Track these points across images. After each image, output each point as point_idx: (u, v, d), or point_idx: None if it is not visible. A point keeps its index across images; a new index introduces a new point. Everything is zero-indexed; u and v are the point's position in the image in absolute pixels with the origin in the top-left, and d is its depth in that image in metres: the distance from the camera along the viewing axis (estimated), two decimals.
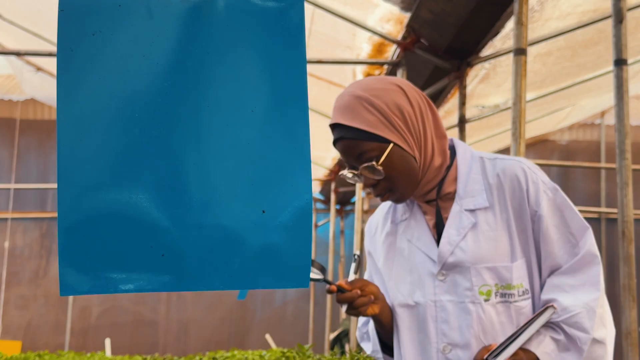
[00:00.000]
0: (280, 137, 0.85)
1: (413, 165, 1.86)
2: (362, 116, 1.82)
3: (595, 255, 1.80)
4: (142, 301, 10.96)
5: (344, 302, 1.85)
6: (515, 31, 2.99)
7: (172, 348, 10.81)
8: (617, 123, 2.88)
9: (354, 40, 5.44)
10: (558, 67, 6.07)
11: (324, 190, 10.67)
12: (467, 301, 1.83)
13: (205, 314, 11.02)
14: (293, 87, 0.87)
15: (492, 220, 1.85)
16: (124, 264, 0.79)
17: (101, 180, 0.80)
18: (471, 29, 4.55)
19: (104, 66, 0.81)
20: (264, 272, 0.84)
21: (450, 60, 4.96)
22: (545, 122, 9.08)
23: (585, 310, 1.74)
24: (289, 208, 0.85)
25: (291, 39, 0.88)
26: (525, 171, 1.86)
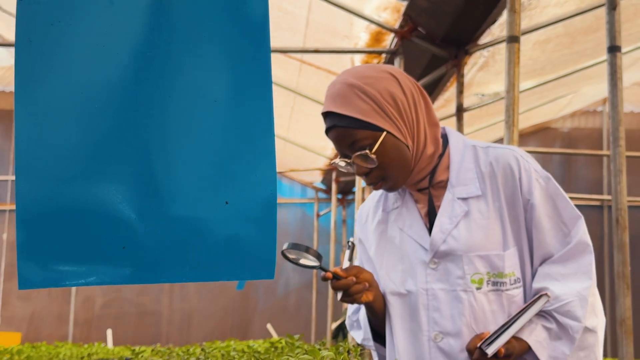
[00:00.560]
0: (244, 128, 0.84)
1: (406, 154, 1.85)
2: (355, 104, 1.80)
3: (587, 244, 1.80)
4: (145, 292, 10.98)
5: (339, 290, 1.84)
6: (508, 18, 2.97)
7: (175, 338, 10.83)
8: (611, 110, 2.86)
9: (352, 29, 5.42)
10: (557, 55, 6.04)
11: (325, 179, 10.66)
12: (459, 289, 1.82)
13: (208, 304, 11.04)
14: (257, 77, 0.86)
15: (484, 209, 1.85)
16: (83, 256, 0.78)
17: (60, 172, 0.79)
18: (468, 17, 4.52)
19: (63, 56, 0.80)
20: (228, 264, 0.83)
21: (448, 49, 4.94)
22: (547, 109, 9.06)
23: (577, 299, 1.74)
24: (253, 200, 0.84)
25: (255, 27, 0.87)
26: (518, 160, 1.85)
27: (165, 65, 0.83)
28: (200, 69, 0.84)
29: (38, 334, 10.61)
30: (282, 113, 8.26)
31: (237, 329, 11.02)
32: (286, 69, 6.69)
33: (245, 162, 0.84)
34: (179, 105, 0.83)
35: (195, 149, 0.83)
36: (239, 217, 0.84)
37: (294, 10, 5.44)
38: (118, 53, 0.82)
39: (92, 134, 0.80)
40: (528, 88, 6.96)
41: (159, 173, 0.81)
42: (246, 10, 0.86)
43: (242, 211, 0.84)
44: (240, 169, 0.84)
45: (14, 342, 5.32)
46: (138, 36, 0.83)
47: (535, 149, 9.62)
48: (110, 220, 0.79)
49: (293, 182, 11.41)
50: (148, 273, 0.80)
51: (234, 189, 0.84)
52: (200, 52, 0.84)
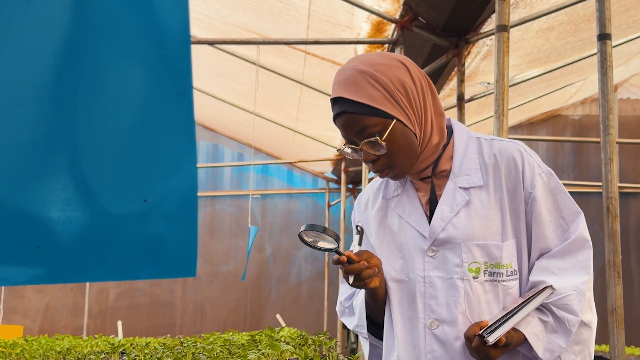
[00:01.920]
0: (164, 125, 0.84)
1: (413, 142, 1.85)
2: (366, 91, 1.80)
3: (586, 239, 1.81)
4: (158, 283, 11.04)
5: (352, 273, 1.83)
6: (497, 7, 2.96)
7: (189, 329, 10.90)
8: (602, 98, 2.84)
9: (353, 19, 5.42)
10: (562, 42, 6.01)
11: (335, 170, 10.66)
12: (455, 277, 1.83)
13: (221, 294, 11.09)
14: (177, 74, 0.86)
15: (485, 199, 1.85)
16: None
17: None
18: (467, 6, 4.50)
19: None
20: (147, 263, 0.84)
21: (449, 38, 4.92)
22: (556, 97, 9.00)
23: (575, 293, 1.75)
24: (173, 197, 0.84)
25: (175, 24, 0.87)
26: (522, 153, 1.87)
27: (83, 64, 0.83)
28: (119, 67, 0.84)
29: (53, 326, 10.71)
30: (289, 104, 8.26)
31: (249, 318, 11.07)
32: (291, 60, 6.69)
33: (165, 160, 0.84)
34: (97, 102, 0.83)
35: (113, 147, 0.83)
36: (159, 215, 0.84)
37: (296, 1, 5.44)
38: (36, 52, 0.82)
39: (7, 133, 0.80)
40: (534, 76, 6.91)
41: (76, 171, 0.81)
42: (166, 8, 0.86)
43: (162, 209, 0.84)
44: (159, 166, 0.84)
45: (16, 335, 5.37)
46: (56, 35, 0.83)
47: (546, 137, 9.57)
48: (22, 220, 0.79)
49: (304, 172, 11.42)
50: (64, 272, 0.80)
51: (153, 187, 0.84)
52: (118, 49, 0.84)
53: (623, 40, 6.58)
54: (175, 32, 0.87)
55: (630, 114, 10.91)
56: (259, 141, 10.76)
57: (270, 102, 8.49)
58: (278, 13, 5.77)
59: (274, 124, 9.06)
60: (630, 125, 10.85)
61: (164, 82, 0.85)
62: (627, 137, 10.53)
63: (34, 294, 10.73)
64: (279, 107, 8.74)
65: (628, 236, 10.75)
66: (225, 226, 11.20)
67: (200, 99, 9.14)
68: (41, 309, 10.78)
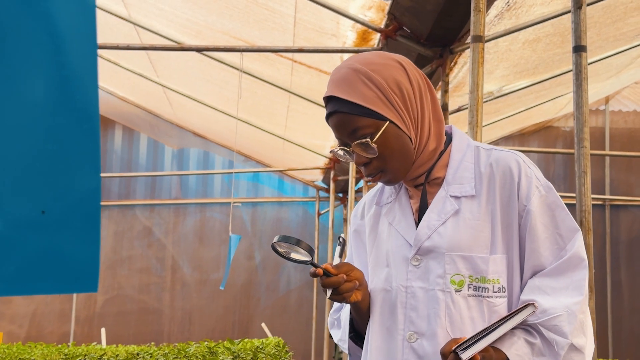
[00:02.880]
0: (65, 132, 0.81)
1: (408, 146, 1.78)
2: (360, 90, 1.73)
3: (582, 258, 1.71)
4: (147, 290, 11.00)
5: (329, 287, 1.77)
6: (473, 18, 2.93)
7: (176, 336, 10.85)
8: (576, 111, 2.82)
9: (339, 28, 5.40)
10: (549, 54, 6.00)
11: (326, 178, 10.64)
12: (437, 289, 1.75)
13: (209, 302, 11.04)
14: (81, 79, 0.82)
15: (476, 209, 1.77)
16: None
17: None
18: (450, 16, 4.48)
19: None
20: (46, 277, 0.81)
21: (433, 48, 4.90)
22: (547, 108, 9.00)
23: (565, 314, 1.65)
24: (74, 209, 0.81)
25: (80, 26, 0.83)
26: (519, 164, 1.78)
27: None
28: (18, 70, 0.81)
29: (40, 332, 10.66)
30: (279, 112, 8.24)
31: (238, 327, 11.03)
32: (278, 68, 6.68)
33: (66, 170, 0.81)
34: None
35: (9, 155, 0.80)
36: (58, 228, 0.81)
37: (281, 9, 5.42)
38: None
39: None
40: (523, 87, 6.91)
41: None
42: (70, 13, 0.83)
43: (62, 221, 0.81)
44: (60, 177, 0.81)
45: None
46: None
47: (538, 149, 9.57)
48: None
49: (295, 181, 11.40)
50: None
51: (52, 197, 0.81)
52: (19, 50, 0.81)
53: (612, 52, 6.58)
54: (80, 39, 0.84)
55: (621, 126, 10.90)
56: (249, 149, 10.75)
57: (259, 109, 8.48)
58: (264, 20, 5.75)
59: (263, 131, 9.05)
60: (621, 137, 10.84)
61: (66, 90, 0.82)
62: (618, 150, 10.53)
63: (21, 299, 10.68)
64: (268, 115, 8.73)
65: (618, 249, 10.73)
66: (215, 234, 11.16)
67: (190, 106, 9.12)
68: (28, 314, 10.73)
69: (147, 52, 7.32)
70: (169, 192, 11.22)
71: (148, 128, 11.02)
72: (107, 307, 10.92)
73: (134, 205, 11.11)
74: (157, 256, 11.09)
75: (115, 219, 11.05)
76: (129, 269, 11.01)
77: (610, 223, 10.64)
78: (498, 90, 6.85)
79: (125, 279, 10.98)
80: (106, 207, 11.02)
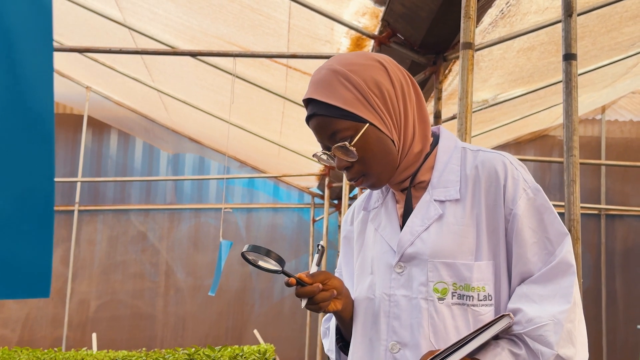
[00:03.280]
0: (17, 134, 0.79)
1: (390, 149, 1.72)
2: (338, 92, 1.68)
3: (570, 264, 1.63)
4: (140, 295, 10.96)
5: (304, 296, 1.72)
6: (463, 25, 2.91)
7: (169, 342, 10.81)
8: (565, 119, 2.80)
9: (333, 34, 5.38)
10: (544, 62, 5.98)
11: (320, 185, 10.62)
12: (419, 297, 1.68)
13: (203, 308, 11.01)
14: (36, 78, 0.80)
15: (460, 214, 1.70)
16: None
17: None
18: (444, 23, 4.47)
19: None
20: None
21: (427, 55, 4.89)
22: (543, 117, 8.98)
23: (552, 323, 1.57)
24: (26, 212, 0.79)
25: (37, 22, 0.82)
26: (506, 165, 1.71)
27: None
28: None
29: (33, 336, 10.62)
30: (274, 118, 8.22)
31: (231, 333, 10.99)
32: (273, 74, 6.66)
33: (17, 172, 0.79)
34: None
35: None
36: (10, 233, 0.79)
37: (275, 15, 5.41)
38: None
39: None
40: (518, 95, 6.89)
41: None
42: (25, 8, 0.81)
43: (13, 226, 0.79)
44: (10, 179, 0.79)
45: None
46: None
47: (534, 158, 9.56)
48: None
49: (290, 187, 11.37)
50: None
51: (2, 201, 0.79)
52: None
53: (607, 62, 6.57)
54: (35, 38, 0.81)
55: (617, 135, 10.90)
56: (244, 154, 10.73)
57: (254, 115, 8.46)
58: (258, 26, 5.73)
59: (259, 137, 9.02)
60: (617, 147, 10.84)
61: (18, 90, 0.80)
62: (614, 159, 10.53)
63: (13, 303, 10.64)
64: (263, 121, 8.71)
65: (613, 259, 10.71)
66: (210, 239, 11.13)
67: (186, 111, 9.10)
68: (21, 319, 10.68)
69: (143, 57, 7.31)
70: (163, 197, 11.20)
71: (143, 133, 11.00)
72: (101, 312, 10.88)
73: (128, 210, 11.07)
74: (151, 261, 11.06)
75: (109, 223, 11.02)
76: (122, 274, 10.97)
77: (606, 233, 10.63)
78: (493, 98, 6.83)
79: (119, 284, 10.94)
80: (100, 212, 10.99)
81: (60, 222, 10.74)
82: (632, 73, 7.42)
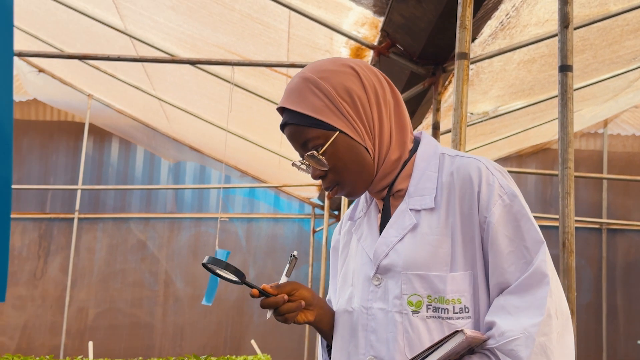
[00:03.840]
0: None
1: (364, 157, 1.68)
2: (308, 100, 1.64)
3: (544, 274, 1.55)
4: (139, 304, 10.93)
5: (268, 308, 1.68)
6: (458, 35, 2.90)
7: (168, 351, 10.77)
8: (561, 131, 2.78)
9: (332, 44, 5.37)
10: (545, 75, 5.96)
11: (321, 196, 10.60)
12: (394, 310, 1.64)
13: (202, 317, 10.97)
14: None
15: (435, 224, 1.65)
16: None
17: None
18: (444, 34, 4.45)
19: None
20: None
21: (426, 66, 4.87)
22: (544, 130, 8.96)
23: (523, 337, 1.50)
24: None
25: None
26: (480, 170, 1.64)
27: None
28: None
29: (31, 344, 10.59)
30: (273, 128, 8.20)
31: (230, 343, 10.95)
32: (273, 83, 6.65)
33: None
34: None
35: None
36: None
37: (275, 24, 5.40)
38: None
39: None
40: (518, 108, 6.87)
41: None
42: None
43: None
44: None
45: None
46: None
47: (535, 171, 9.54)
48: None
49: (291, 197, 11.35)
50: None
51: None
52: None
53: (608, 75, 6.55)
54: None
55: (619, 150, 10.87)
56: (245, 164, 10.71)
57: (255, 125, 8.45)
58: (258, 35, 5.73)
59: (259, 147, 9.01)
60: (619, 161, 10.81)
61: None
62: (616, 173, 10.50)
63: (12, 310, 10.62)
64: (264, 131, 8.70)
65: (614, 274, 10.66)
66: (209, 249, 11.10)
67: (187, 119, 9.10)
68: (19, 326, 10.66)
69: (144, 65, 7.31)
70: (164, 205, 11.18)
71: (145, 141, 10.99)
72: (99, 321, 10.85)
73: (128, 218, 11.06)
74: (151, 270, 11.03)
75: (109, 231, 11.00)
76: (121, 283, 10.95)
77: (607, 247, 10.59)
78: (493, 110, 6.81)
79: (117, 293, 10.92)
80: (100, 220, 10.97)
81: (59, 229, 10.74)
82: (634, 87, 7.40)
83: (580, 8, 4.68)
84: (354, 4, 4.65)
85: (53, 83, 10.15)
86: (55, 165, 11.08)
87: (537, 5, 4.57)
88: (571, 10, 2.83)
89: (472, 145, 8.24)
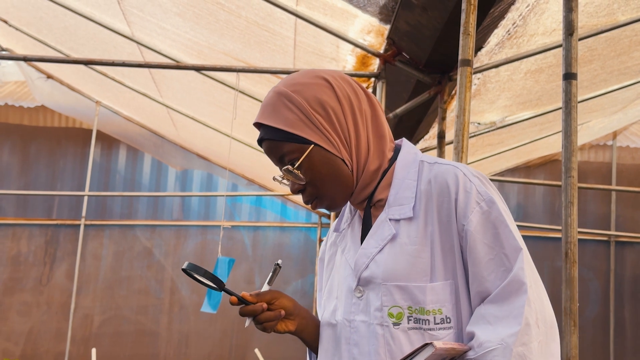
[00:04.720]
0: None
1: (341, 169, 1.67)
2: (282, 114, 1.64)
3: (522, 282, 1.52)
4: (144, 311, 10.90)
5: (246, 316, 1.68)
6: (462, 42, 2.87)
7: (173, 359, 10.74)
8: (564, 139, 2.75)
9: (338, 51, 5.35)
10: (552, 85, 5.93)
11: None
12: (375, 323, 1.62)
13: (207, 325, 10.93)
14: None
15: (414, 233, 1.63)
16: None
17: None
18: (449, 42, 4.42)
19: None
20: None
21: (432, 74, 4.84)
22: (553, 141, 8.92)
23: (500, 347, 1.48)
24: None
25: None
26: (457, 177, 1.62)
27: None
28: None
29: (36, 350, 10.57)
30: None
31: (235, 351, 10.91)
32: None
33: None
34: None
35: None
36: None
37: (282, 31, 5.39)
38: None
39: None
40: (526, 118, 6.83)
41: None
42: None
43: None
44: None
45: None
46: None
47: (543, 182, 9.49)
48: None
49: (297, 206, 11.32)
50: None
51: None
52: None
53: (617, 86, 6.50)
54: None
55: (629, 162, 10.80)
56: (252, 172, 10.69)
57: None
58: (265, 42, 5.72)
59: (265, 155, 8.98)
60: (628, 173, 10.74)
61: None
62: (625, 185, 10.43)
63: (17, 316, 10.61)
64: None
65: (622, 287, 10.58)
66: (216, 257, 11.05)
67: (194, 127, 9.10)
68: (24, 332, 10.64)
69: (151, 72, 7.31)
70: (170, 213, 11.16)
71: (152, 148, 10.99)
72: (104, 328, 10.82)
73: (135, 225, 11.04)
74: (156, 278, 11.01)
75: (115, 238, 10.99)
76: (127, 290, 10.92)
77: (615, 259, 10.50)
78: (501, 120, 6.77)
79: (123, 300, 10.89)
80: (107, 227, 10.96)
81: (65, 236, 10.73)
82: None
83: (587, 18, 4.65)
84: (360, 12, 4.63)
85: (61, 89, 10.16)
86: (63, 171, 11.08)
87: (544, 14, 4.53)
88: (576, 18, 2.81)
89: (479, 155, 8.20)
